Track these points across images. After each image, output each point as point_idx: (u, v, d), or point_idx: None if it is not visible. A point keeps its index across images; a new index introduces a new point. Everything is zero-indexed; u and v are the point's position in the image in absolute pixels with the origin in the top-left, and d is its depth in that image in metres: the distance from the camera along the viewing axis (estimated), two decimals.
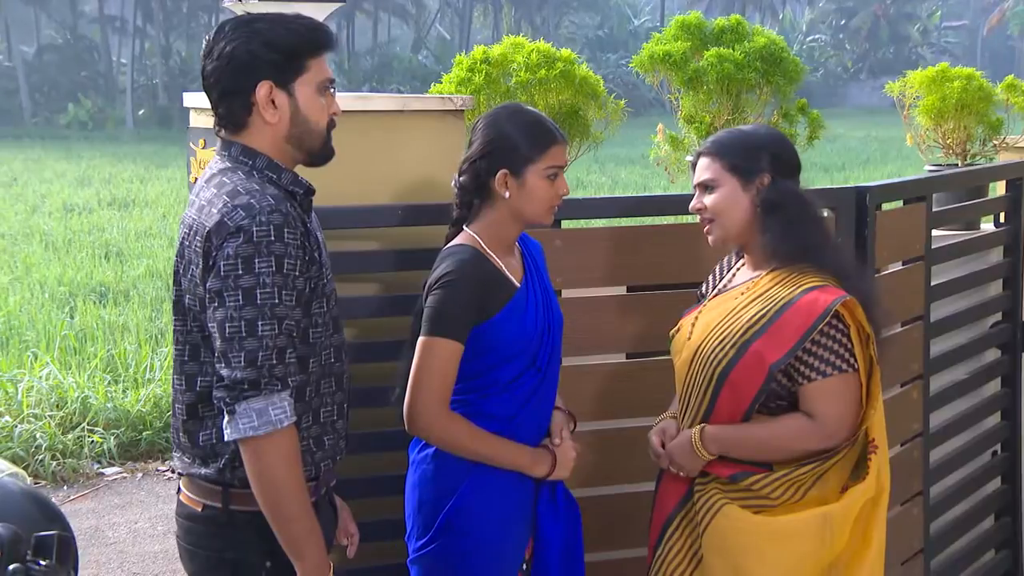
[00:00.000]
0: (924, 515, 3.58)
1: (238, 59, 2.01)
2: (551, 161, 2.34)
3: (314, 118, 2.08)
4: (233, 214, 1.93)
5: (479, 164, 2.34)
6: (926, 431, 3.56)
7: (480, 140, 2.36)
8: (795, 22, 59.35)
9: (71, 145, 31.23)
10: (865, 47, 55.31)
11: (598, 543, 2.99)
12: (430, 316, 2.28)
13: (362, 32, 53.46)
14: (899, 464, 3.47)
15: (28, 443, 5.81)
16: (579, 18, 56.88)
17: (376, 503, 2.80)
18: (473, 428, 2.32)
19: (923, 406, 3.53)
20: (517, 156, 2.32)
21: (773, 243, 2.32)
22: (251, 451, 1.94)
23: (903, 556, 3.51)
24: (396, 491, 2.48)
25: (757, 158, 2.34)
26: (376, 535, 2.83)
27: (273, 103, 2.03)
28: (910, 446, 3.52)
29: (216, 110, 2.08)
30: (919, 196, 3.48)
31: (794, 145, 2.47)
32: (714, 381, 2.31)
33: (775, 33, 3.88)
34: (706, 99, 3.62)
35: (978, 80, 4.03)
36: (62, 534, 1.80)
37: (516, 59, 3.42)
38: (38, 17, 47.56)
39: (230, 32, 2.03)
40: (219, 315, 1.92)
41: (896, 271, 3.44)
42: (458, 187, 2.39)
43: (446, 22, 55.69)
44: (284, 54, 2.03)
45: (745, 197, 2.34)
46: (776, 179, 2.33)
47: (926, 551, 3.60)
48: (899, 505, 3.50)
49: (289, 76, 2.04)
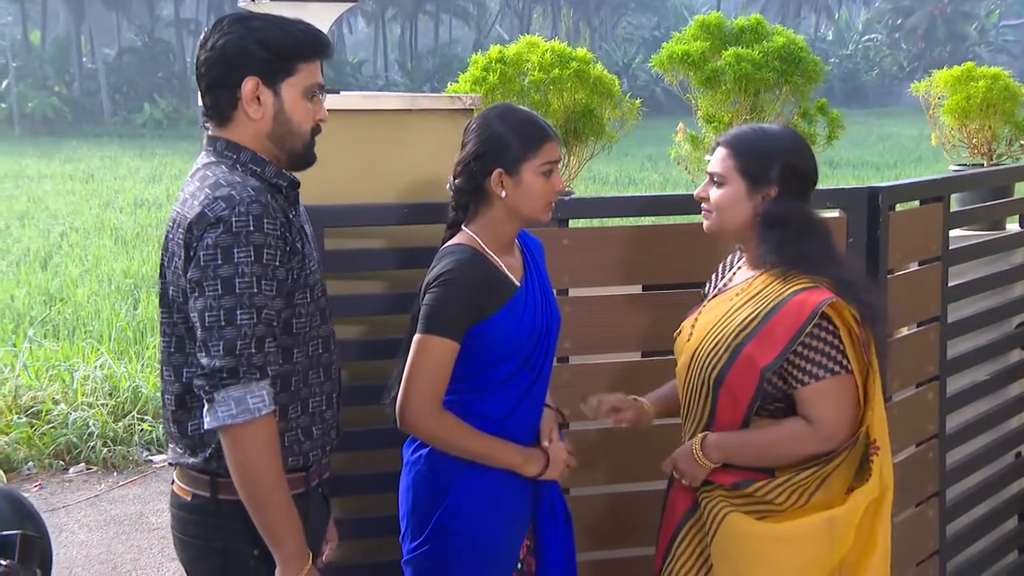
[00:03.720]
0: (940, 517, 3.55)
1: (229, 52, 2.05)
2: (545, 158, 2.34)
3: (297, 120, 2.10)
4: (213, 205, 1.96)
5: (473, 165, 2.34)
6: (942, 432, 3.54)
7: (473, 141, 2.37)
8: (851, 22, 58.63)
9: (146, 143, 32.20)
10: (921, 46, 54.31)
11: (606, 542, 3.02)
12: (427, 314, 2.28)
13: (424, 33, 54.04)
14: (914, 465, 3.45)
15: (81, 430, 6.02)
16: (636, 19, 56.84)
17: (377, 499, 2.84)
18: (464, 426, 2.32)
19: (939, 407, 3.51)
20: (510, 155, 2.32)
21: (767, 253, 2.31)
22: (230, 439, 1.96)
23: (918, 557, 3.49)
24: (396, 488, 2.49)
25: (769, 167, 2.30)
26: (374, 532, 2.90)
27: (258, 100, 2.06)
28: (926, 447, 3.50)
29: (204, 100, 2.12)
30: (937, 196, 3.45)
31: (813, 155, 2.40)
32: (711, 386, 2.31)
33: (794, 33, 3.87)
34: (724, 98, 3.63)
35: (1004, 80, 3.97)
36: (26, 534, 1.79)
37: (531, 58, 3.47)
38: (119, 21, 48.97)
39: (226, 26, 2.07)
40: (199, 304, 1.95)
41: (911, 272, 3.41)
42: (453, 189, 2.40)
43: (506, 23, 55.90)
44: (275, 53, 2.05)
45: (748, 202, 2.32)
46: (783, 194, 2.30)
47: (942, 553, 3.57)
48: (914, 506, 3.48)
49: (277, 76, 2.07)
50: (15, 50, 44.19)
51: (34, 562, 1.80)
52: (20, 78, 41.34)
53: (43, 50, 46.73)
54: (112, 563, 4.71)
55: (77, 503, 5.42)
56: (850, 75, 53.37)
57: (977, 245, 3.73)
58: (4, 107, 40.55)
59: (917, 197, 3.44)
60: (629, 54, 49.41)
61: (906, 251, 3.33)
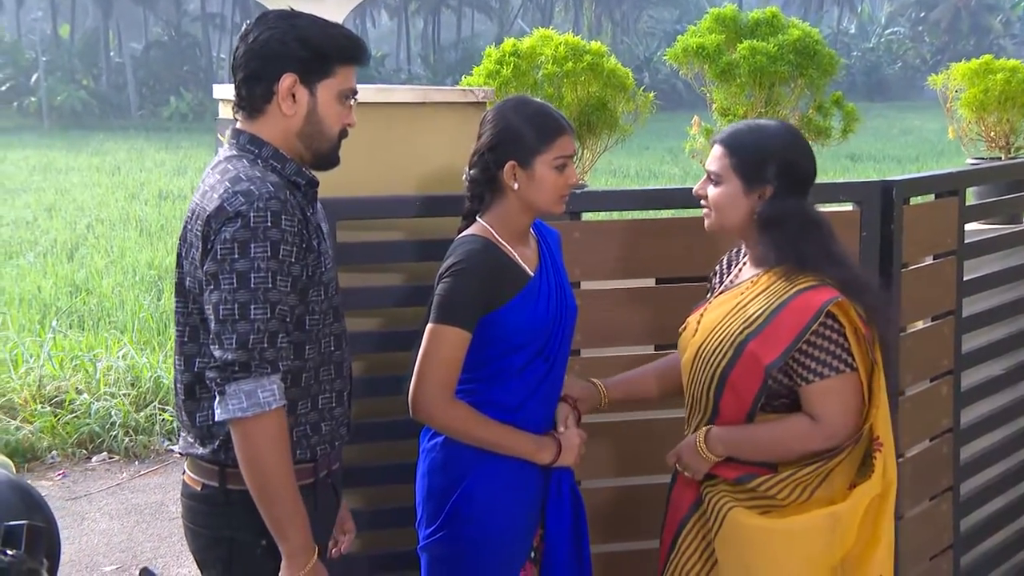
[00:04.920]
0: (954, 511, 3.54)
1: (271, 47, 2.07)
2: (559, 151, 2.35)
3: (329, 122, 2.13)
4: (232, 200, 1.98)
5: (487, 156, 2.36)
6: (956, 427, 3.52)
7: (488, 132, 2.38)
8: (874, 15, 58.17)
9: (171, 136, 32.46)
10: (945, 39, 53.82)
11: (615, 534, 3.03)
12: (439, 304, 2.30)
13: (447, 27, 54.16)
14: (928, 459, 3.45)
15: (104, 419, 6.10)
16: (658, 12, 56.71)
17: (394, 490, 2.86)
18: (476, 415, 2.33)
19: (953, 402, 3.50)
20: (524, 147, 2.33)
21: (767, 253, 2.31)
22: (240, 432, 1.98)
23: (931, 552, 3.49)
24: (414, 478, 2.51)
25: (764, 167, 2.29)
26: (391, 522, 2.92)
27: (293, 97, 2.08)
28: (940, 441, 3.49)
29: (238, 92, 2.13)
30: (952, 190, 3.44)
31: (811, 151, 2.38)
32: (715, 382, 2.31)
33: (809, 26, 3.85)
34: (739, 92, 3.62)
35: (1022, 72, 3.93)
36: (33, 524, 1.79)
37: (545, 52, 3.48)
38: (146, 16, 49.40)
39: (271, 21, 2.09)
40: (214, 297, 1.97)
41: (925, 266, 3.40)
42: (468, 180, 2.42)
43: (528, 17, 55.89)
44: (315, 53, 2.08)
45: (746, 202, 2.31)
46: (779, 193, 2.29)
47: (956, 547, 3.56)
48: (928, 500, 3.47)
49: (315, 76, 2.09)
50: (45, 44, 44.69)
51: (40, 552, 1.80)
52: (49, 72, 41.78)
53: (72, 44, 47.21)
54: (132, 551, 4.77)
55: (99, 491, 5.49)
56: (873, 68, 52.97)
57: (993, 239, 3.71)
58: (34, 101, 41.02)
59: (932, 191, 3.43)
60: (650, 48, 49.24)
61: (921, 245, 3.32)
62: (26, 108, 41.45)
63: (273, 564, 2.07)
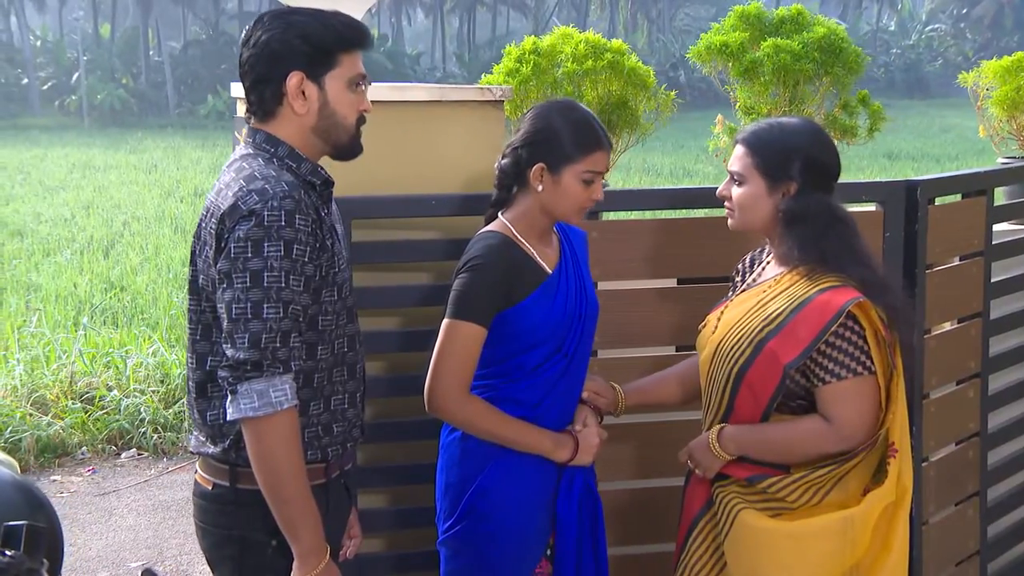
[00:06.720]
0: (981, 517, 3.48)
1: (272, 48, 2.06)
2: (590, 166, 2.33)
3: (342, 112, 2.11)
4: (247, 198, 1.97)
5: (520, 152, 2.35)
6: (983, 431, 3.46)
7: (526, 128, 2.37)
8: (914, 12, 57.37)
9: (208, 134, 32.78)
10: (988, 35, 52.95)
11: (633, 537, 3.01)
12: (454, 299, 2.30)
13: (482, 25, 54.17)
14: (954, 464, 3.39)
15: (133, 416, 6.15)
16: (694, 10, 56.36)
17: (412, 489, 2.86)
18: (492, 411, 2.33)
19: (980, 405, 3.44)
20: (558, 153, 2.32)
21: (791, 251, 2.28)
22: (251, 432, 1.98)
23: (957, 557, 3.43)
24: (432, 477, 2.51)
25: (788, 164, 2.27)
26: (410, 522, 2.91)
27: (303, 94, 2.08)
28: (965, 446, 3.43)
29: (248, 97, 2.13)
30: (979, 190, 3.38)
31: (835, 147, 2.35)
32: (732, 379, 2.30)
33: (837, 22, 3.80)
34: (763, 90, 3.58)
35: None
36: (33, 525, 1.78)
37: (564, 50, 3.45)
38: (185, 15, 49.93)
39: (268, 22, 2.09)
40: (227, 296, 1.97)
41: (952, 267, 3.34)
42: (499, 169, 2.41)
43: (563, 15, 55.82)
44: (317, 47, 2.07)
45: (769, 200, 2.30)
46: (804, 189, 2.27)
47: (983, 554, 3.50)
48: (953, 506, 3.42)
49: (320, 69, 2.08)
50: (86, 43, 45.34)
51: (40, 553, 1.78)
52: (90, 71, 42.38)
53: (112, 43, 47.82)
54: (159, 547, 4.81)
55: (127, 488, 5.53)
56: (912, 66, 52.28)
57: (1022, 240, 3.64)
58: (74, 99, 41.62)
59: (958, 191, 3.36)
60: (687, 45, 48.88)
61: (946, 246, 3.26)
62: (67, 107, 42.10)
63: (284, 563, 2.07)
